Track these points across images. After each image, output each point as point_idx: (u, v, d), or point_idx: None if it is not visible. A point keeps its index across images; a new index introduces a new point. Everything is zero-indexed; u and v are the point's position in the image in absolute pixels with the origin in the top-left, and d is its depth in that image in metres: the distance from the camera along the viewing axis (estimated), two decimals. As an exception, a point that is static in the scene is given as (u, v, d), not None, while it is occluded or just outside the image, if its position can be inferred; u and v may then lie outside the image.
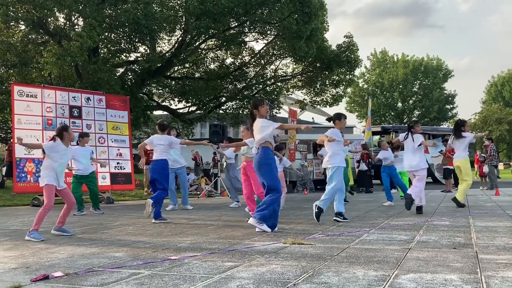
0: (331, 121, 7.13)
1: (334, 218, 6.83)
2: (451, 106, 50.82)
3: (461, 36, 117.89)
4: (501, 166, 34.95)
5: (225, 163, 11.13)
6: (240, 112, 21.10)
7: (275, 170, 5.96)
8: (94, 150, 12.28)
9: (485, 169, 16.09)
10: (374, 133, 21.16)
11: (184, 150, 19.96)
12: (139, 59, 17.68)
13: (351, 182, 15.10)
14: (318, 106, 22.46)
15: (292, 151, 16.06)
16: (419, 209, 7.84)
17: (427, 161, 8.57)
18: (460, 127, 8.86)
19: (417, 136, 8.03)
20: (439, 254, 4.20)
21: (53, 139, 5.92)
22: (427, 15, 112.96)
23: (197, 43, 17.90)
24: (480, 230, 5.70)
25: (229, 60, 20.84)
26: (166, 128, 7.84)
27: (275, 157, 7.25)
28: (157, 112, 24.20)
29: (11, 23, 15.05)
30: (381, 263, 3.85)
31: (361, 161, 15.44)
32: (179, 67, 20.05)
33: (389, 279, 3.29)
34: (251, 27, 17.55)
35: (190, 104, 20.99)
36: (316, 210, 6.70)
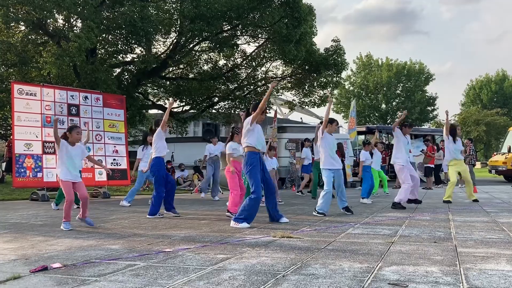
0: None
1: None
2: (432, 108, 52.17)
3: (444, 42, 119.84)
4: (478, 165, 35.68)
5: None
6: (232, 111, 21.40)
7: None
8: (92, 147, 12.69)
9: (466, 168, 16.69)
10: (359, 133, 21.74)
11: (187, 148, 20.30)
12: (135, 60, 17.67)
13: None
14: (307, 107, 22.75)
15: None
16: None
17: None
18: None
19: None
20: (420, 247, 4.31)
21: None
22: (413, 22, 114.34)
23: (191, 45, 18.06)
24: (459, 225, 5.90)
25: (221, 62, 20.98)
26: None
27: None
28: (152, 111, 24.25)
29: (12, 24, 15.03)
30: (365, 255, 3.95)
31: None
32: (174, 68, 20.17)
33: (374, 271, 3.38)
34: (243, 31, 17.73)
35: (184, 103, 21.11)
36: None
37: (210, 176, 12.02)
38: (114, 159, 12.95)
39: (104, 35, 15.82)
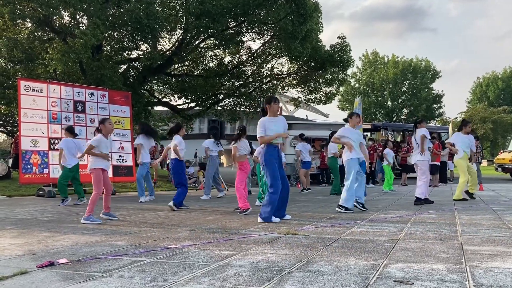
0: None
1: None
2: (438, 105, 51.93)
3: (451, 39, 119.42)
4: (485, 163, 35.50)
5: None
6: (237, 108, 21.44)
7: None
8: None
9: (474, 166, 16.63)
10: (365, 130, 21.67)
11: (192, 145, 20.11)
12: (141, 56, 17.81)
13: None
14: (312, 104, 22.74)
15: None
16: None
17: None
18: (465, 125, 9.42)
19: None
20: (426, 245, 4.29)
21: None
22: (421, 19, 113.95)
23: (197, 42, 18.04)
24: (465, 223, 5.86)
25: (227, 59, 20.95)
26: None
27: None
28: (158, 108, 24.28)
29: (18, 21, 15.04)
30: (371, 253, 3.93)
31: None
32: (179, 65, 20.13)
33: (379, 268, 3.36)
34: (249, 27, 17.68)
35: (189, 100, 21.09)
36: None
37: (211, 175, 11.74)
38: (120, 156, 13.02)
39: (110, 32, 15.82)
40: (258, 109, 19.60)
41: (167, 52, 18.41)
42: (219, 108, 21.74)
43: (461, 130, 9.52)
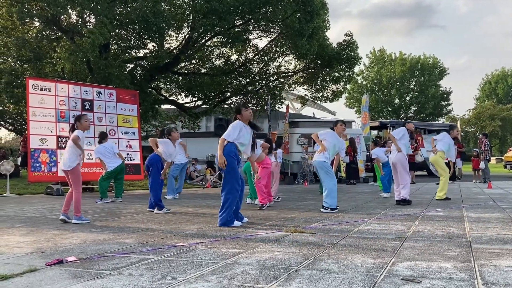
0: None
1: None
2: (446, 102, 51.59)
3: (460, 36, 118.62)
4: (493, 160, 35.22)
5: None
6: (244, 107, 21.43)
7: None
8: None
9: (482, 165, 16.51)
10: (372, 128, 21.57)
11: (199, 143, 20.11)
12: (148, 55, 17.87)
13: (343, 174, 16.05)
14: (319, 102, 22.75)
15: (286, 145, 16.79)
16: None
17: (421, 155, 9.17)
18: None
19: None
20: (434, 243, 4.27)
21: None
22: (430, 16, 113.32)
23: (203, 40, 18.07)
24: (473, 221, 5.83)
25: (233, 57, 20.97)
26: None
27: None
28: (165, 106, 24.36)
29: (26, 20, 15.16)
30: (378, 251, 3.92)
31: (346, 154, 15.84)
32: (186, 63, 20.20)
33: (387, 266, 3.35)
34: (255, 25, 17.69)
35: (196, 98, 21.14)
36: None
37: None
38: (127, 154, 13.05)
39: (117, 31, 15.87)
40: (265, 107, 19.58)
41: (174, 51, 18.45)
42: (225, 106, 21.73)
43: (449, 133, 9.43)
